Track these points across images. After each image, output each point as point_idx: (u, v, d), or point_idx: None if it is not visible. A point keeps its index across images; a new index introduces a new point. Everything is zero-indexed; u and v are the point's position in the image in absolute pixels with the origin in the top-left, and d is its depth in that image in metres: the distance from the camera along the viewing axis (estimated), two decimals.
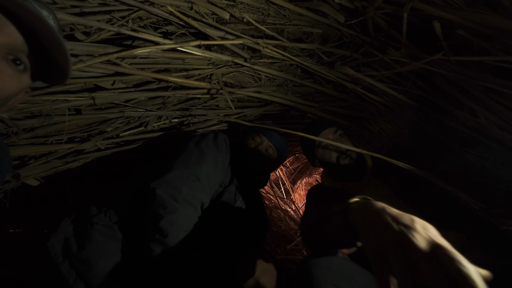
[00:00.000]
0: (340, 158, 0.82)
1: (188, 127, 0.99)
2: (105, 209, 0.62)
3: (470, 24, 0.61)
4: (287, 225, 1.71)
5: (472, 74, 0.69)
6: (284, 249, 1.44)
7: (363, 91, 0.95)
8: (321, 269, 0.51)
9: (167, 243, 0.52)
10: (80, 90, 0.76)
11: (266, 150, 0.89)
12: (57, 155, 0.81)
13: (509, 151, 0.73)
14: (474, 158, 0.82)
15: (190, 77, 0.86)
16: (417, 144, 0.99)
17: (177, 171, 0.62)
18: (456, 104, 0.79)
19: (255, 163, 0.87)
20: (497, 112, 0.70)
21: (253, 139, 0.90)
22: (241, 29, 0.81)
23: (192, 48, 0.76)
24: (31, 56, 0.36)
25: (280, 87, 1.01)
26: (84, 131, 0.83)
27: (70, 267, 0.55)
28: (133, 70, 0.74)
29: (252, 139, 0.90)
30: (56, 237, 0.59)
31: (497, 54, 0.62)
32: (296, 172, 2.59)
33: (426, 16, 0.70)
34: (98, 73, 0.73)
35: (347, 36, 0.90)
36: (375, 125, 1.11)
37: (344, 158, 0.82)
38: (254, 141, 0.89)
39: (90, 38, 0.68)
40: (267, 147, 0.90)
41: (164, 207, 0.55)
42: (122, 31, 0.67)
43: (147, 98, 0.86)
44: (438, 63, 0.74)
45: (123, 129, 0.88)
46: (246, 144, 0.88)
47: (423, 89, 0.85)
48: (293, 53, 0.89)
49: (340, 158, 0.82)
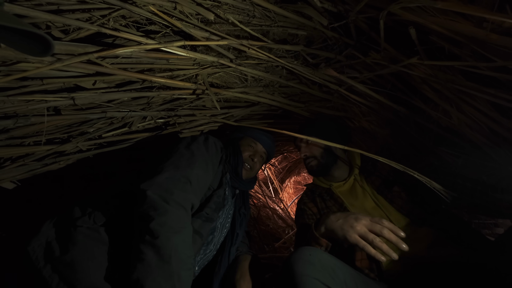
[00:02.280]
0: (305, 163, 0.95)
1: (174, 127, 0.98)
2: (89, 211, 0.61)
3: (442, 30, 0.65)
4: (275, 223, 1.74)
5: (445, 77, 0.73)
6: (272, 247, 1.47)
7: (346, 92, 0.98)
8: (303, 264, 0.53)
9: (157, 244, 0.51)
10: (58, 90, 0.73)
11: (261, 156, 0.94)
12: (35, 157, 0.78)
13: (479, 149, 0.78)
14: (448, 156, 0.87)
15: (175, 78, 0.85)
16: (397, 143, 1.04)
17: (168, 173, 0.62)
18: (432, 105, 0.83)
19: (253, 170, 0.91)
20: (467, 113, 0.75)
21: (250, 146, 0.92)
22: (226, 30, 0.81)
23: (176, 49, 0.76)
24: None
25: (267, 87, 1.02)
26: (64, 132, 0.81)
27: (53, 271, 0.54)
28: (115, 70, 0.72)
29: (249, 146, 0.92)
30: (37, 240, 0.58)
31: (466, 60, 0.66)
32: (285, 171, 2.62)
33: (404, 21, 0.73)
34: (78, 73, 0.71)
35: (331, 39, 0.92)
36: (359, 125, 1.15)
37: (306, 163, 0.94)
38: (251, 148, 0.92)
39: (69, 37, 0.66)
40: (261, 154, 0.94)
41: (155, 208, 0.55)
42: (102, 31, 0.66)
43: (130, 98, 0.85)
44: (415, 66, 0.77)
45: (105, 129, 0.86)
46: (240, 151, 0.89)
47: (402, 91, 0.89)
48: (278, 54, 0.90)
49: (306, 160, 0.94)
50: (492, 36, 0.58)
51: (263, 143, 0.93)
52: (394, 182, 0.83)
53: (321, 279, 0.52)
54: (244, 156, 0.89)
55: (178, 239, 0.54)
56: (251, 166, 0.90)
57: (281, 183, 2.48)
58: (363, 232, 0.56)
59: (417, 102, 0.85)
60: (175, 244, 0.53)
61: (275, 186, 2.14)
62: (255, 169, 0.92)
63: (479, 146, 0.76)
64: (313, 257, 0.55)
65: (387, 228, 0.55)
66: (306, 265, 0.53)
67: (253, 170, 0.91)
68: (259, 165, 0.94)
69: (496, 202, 0.61)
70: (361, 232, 0.56)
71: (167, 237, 0.52)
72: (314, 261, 0.54)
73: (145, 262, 0.50)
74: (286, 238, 1.53)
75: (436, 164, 0.79)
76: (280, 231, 1.64)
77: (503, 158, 0.73)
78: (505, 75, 0.63)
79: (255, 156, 0.91)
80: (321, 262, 0.55)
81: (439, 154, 0.89)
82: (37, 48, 0.38)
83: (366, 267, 0.73)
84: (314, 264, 0.53)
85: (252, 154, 0.91)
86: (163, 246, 0.51)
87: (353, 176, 0.89)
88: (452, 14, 0.64)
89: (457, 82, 0.71)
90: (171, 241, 0.52)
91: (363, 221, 0.57)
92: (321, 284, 0.51)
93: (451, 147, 0.86)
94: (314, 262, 0.54)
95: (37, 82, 0.69)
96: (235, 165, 0.85)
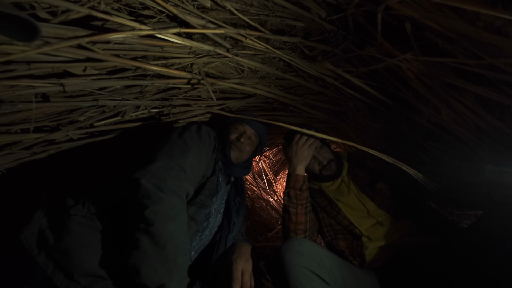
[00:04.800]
0: (323, 170, 0.93)
1: (168, 117, 0.96)
2: (83, 201, 0.60)
3: (437, 26, 0.66)
4: (269, 214, 1.78)
5: (437, 74, 0.75)
6: (265, 237, 1.51)
7: (342, 86, 0.99)
8: (293, 254, 0.57)
9: (152, 231, 0.51)
10: (47, 75, 0.70)
11: (249, 137, 0.92)
12: (23, 145, 0.75)
13: (464, 144, 0.82)
14: (436, 150, 0.91)
15: (169, 66, 0.83)
16: (388, 137, 1.07)
17: (161, 162, 0.62)
18: (423, 101, 0.86)
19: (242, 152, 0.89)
20: (456, 109, 0.78)
21: (236, 129, 0.91)
22: (223, 18, 0.79)
23: (171, 36, 0.73)
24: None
25: (263, 79, 1.02)
26: (53, 120, 0.78)
27: (47, 259, 0.53)
28: (106, 56, 0.70)
29: (235, 128, 0.91)
30: (30, 229, 0.57)
31: (458, 57, 0.68)
32: (279, 164, 2.65)
33: (401, 15, 0.74)
34: (67, 58, 0.68)
35: (329, 31, 0.92)
36: (353, 119, 1.17)
37: (326, 169, 0.93)
38: (238, 130, 0.91)
39: (57, 19, 0.62)
40: (250, 135, 0.92)
41: (149, 197, 0.54)
42: (93, 14, 0.63)
43: (123, 86, 0.82)
44: (408, 61, 0.79)
45: (97, 118, 0.83)
46: (229, 134, 0.89)
47: (395, 86, 0.91)
48: (275, 45, 0.90)
49: (322, 170, 0.93)
50: (484, 34, 0.59)
51: (250, 125, 0.92)
52: (378, 178, 0.89)
53: (309, 267, 0.55)
54: (231, 138, 0.88)
55: (173, 225, 0.54)
56: (238, 148, 0.87)
57: (275, 175, 2.52)
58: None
59: (409, 98, 0.88)
60: (170, 231, 0.53)
61: (269, 179, 2.17)
62: (244, 151, 0.89)
63: (465, 141, 0.80)
64: (302, 247, 0.59)
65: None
66: (296, 254, 0.57)
67: (242, 151, 0.88)
68: (248, 147, 0.90)
69: (467, 196, 0.66)
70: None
71: (162, 224, 0.52)
72: (303, 251, 0.58)
73: (140, 248, 0.51)
74: (279, 229, 1.58)
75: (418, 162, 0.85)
76: (273, 221, 1.68)
77: (485, 153, 0.77)
78: (493, 73, 0.65)
79: (242, 137, 0.88)
80: (309, 251, 0.59)
81: (428, 148, 0.93)
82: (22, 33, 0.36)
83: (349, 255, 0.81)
84: (303, 254, 0.57)
85: (238, 136, 0.89)
86: (158, 232, 0.51)
87: (340, 177, 0.94)
88: (447, 11, 0.65)
89: (448, 78, 0.74)
90: (166, 228, 0.53)
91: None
92: (309, 272, 0.55)
93: (439, 142, 0.90)
94: (303, 252, 0.58)
95: (23, 67, 0.65)
96: (223, 147, 0.84)
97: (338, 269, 0.62)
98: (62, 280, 0.51)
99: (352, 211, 0.87)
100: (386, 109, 0.99)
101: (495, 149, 0.74)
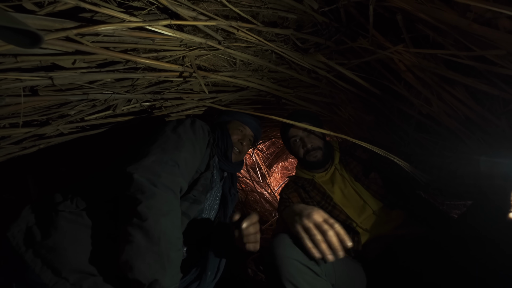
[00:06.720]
0: (306, 155, 0.93)
1: (160, 111, 0.96)
2: (71, 196, 0.60)
3: (428, 18, 0.66)
4: (263, 207, 1.79)
5: (428, 65, 0.76)
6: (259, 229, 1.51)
7: (334, 79, 0.99)
8: (285, 247, 0.58)
9: (146, 227, 0.51)
10: (35, 68, 0.69)
11: (249, 139, 0.96)
12: (12, 139, 0.74)
13: (454, 135, 0.83)
14: (427, 142, 0.92)
15: (161, 59, 0.82)
16: (380, 129, 1.08)
17: (155, 156, 0.61)
18: (414, 93, 0.86)
19: (242, 153, 0.92)
20: (446, 101, 0.78)
21: (237, 130, 0.92)
22: (215, 10, 0.78)
23: (162, 28, 0.72)
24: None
25: (256, 72, 1.01)
26: (43, 114, 0.77)
27: (35, 256, 0.53)
28: (96, 48, 0.69)
29: (237, 129, 0.93)
30: (17, 226, 0.56)
31: (449, 49, 0.69)
32: (272, 156, 2.66)
33: (392, 7, 0.74)
34: (55, 51, 0.67)
35: (321, 23, 0.91)
36: (345, 111, 1.17)
37: (309, 155, 0.92)
38: (240, 132, 0.93)
39: (43, 10, 0.61)
40: (250, 137, 0.95)
41: (142, 191, 0.54)
42: (81, 5, 0.61)
43: (114, 79, 0.81)
44: (400, 53, 0.79)
45: (88, 112, 0.83)
46: (229, 135, 0.89)
47: (387, 78, 0.91)
48: (268, 38, 0.89)
49: (306, 155, 0.93)
50: (474, 25, 0.60)
51: (251, 127, 0.95)
52: (371, 168, 0.89)
53: (300, 260, 0.56)
54: (234, 140, 0.90)
55: (166, 221, 0.54)
56: (240, 150, 0.91)
57: (269, 168, 2.53)
58: (308, 226, 0.54)
59: (401, 90, 0.88)
60: (164, 226, 0.53)
61: (263, 172, 2.18)
62: (244, 152, 0.94)
63: (455, 132, 0.81)
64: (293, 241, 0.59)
65: (334, 231, 0.53)
66: (288, 248, 0.57)
67: (242, 153, 0.93)
68: (247, 148, 0.96)
69: (457, 187, 0.67)
70: (306, 226, 0.55)
71: (156, 220, 0.52)
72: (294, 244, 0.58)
73: (133, 244, 0.50)
74: (272, 221, 1.59)
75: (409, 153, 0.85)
76: (267, 214, 1.69)
77: (475, 143, 0.78)
78: (483, 65, 0.66)
79: (244, 140, 0.93)
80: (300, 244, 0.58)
81: (419, 140, 0.94)
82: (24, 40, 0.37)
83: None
84: (294, 247, 0.57)
85: (241, 138, 0.92)
86: (151, 228, 0.51)
87: (333, 166, 0.94)
88: (438, 2, 0.65)
89: (439, 70, 0.74)
90: (160, 223, 0.52)
91: (314, 217, 0.55)
92: (301, 264, 0.56)
93: (430, 133, 0.91)
94: (294, 245, 0.58)
95: (10, 60, 0.64)
96: (225, 149, 0.85)
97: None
98: (50, 278, 0.51)
99: (347, 203, 0.87)
100: (378, 101, 1.00)
101: (484, 139, 0.76)
